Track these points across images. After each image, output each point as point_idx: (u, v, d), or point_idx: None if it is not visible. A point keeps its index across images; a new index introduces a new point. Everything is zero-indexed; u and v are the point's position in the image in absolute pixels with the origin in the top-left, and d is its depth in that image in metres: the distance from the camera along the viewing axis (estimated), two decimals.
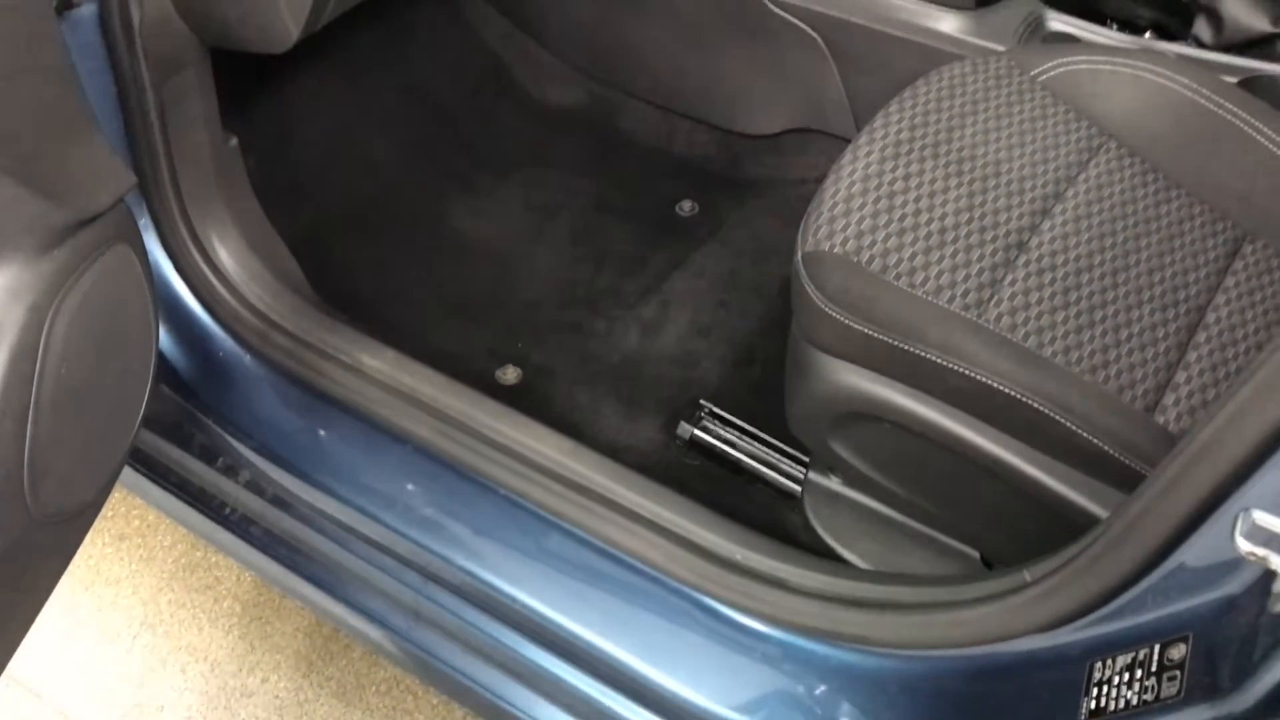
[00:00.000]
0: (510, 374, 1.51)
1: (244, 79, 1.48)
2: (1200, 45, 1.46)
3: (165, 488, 1.29)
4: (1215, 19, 1.43)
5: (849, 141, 1.18)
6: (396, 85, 1.79)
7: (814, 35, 1.55)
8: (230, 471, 1.26)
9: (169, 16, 1.13)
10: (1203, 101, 1.22)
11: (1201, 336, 1.06)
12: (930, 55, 1.47)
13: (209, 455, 1.27)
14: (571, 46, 1.83)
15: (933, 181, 1.11)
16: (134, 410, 0.99)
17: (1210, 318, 1.08)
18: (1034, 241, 1.08)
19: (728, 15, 1.60)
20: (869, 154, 1.13)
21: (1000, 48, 1.44)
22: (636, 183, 1.78)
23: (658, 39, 1.71)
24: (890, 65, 1.51)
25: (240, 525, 1.26)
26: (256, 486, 1.24)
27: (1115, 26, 1.57)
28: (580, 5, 1.76)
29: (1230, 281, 1.12)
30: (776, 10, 1.55)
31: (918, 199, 1.09)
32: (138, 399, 0.99)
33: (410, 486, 1.18)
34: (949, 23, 1.47)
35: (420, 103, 1.81)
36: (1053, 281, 1.05)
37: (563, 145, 1.83)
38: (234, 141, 1.30)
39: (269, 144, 1.53)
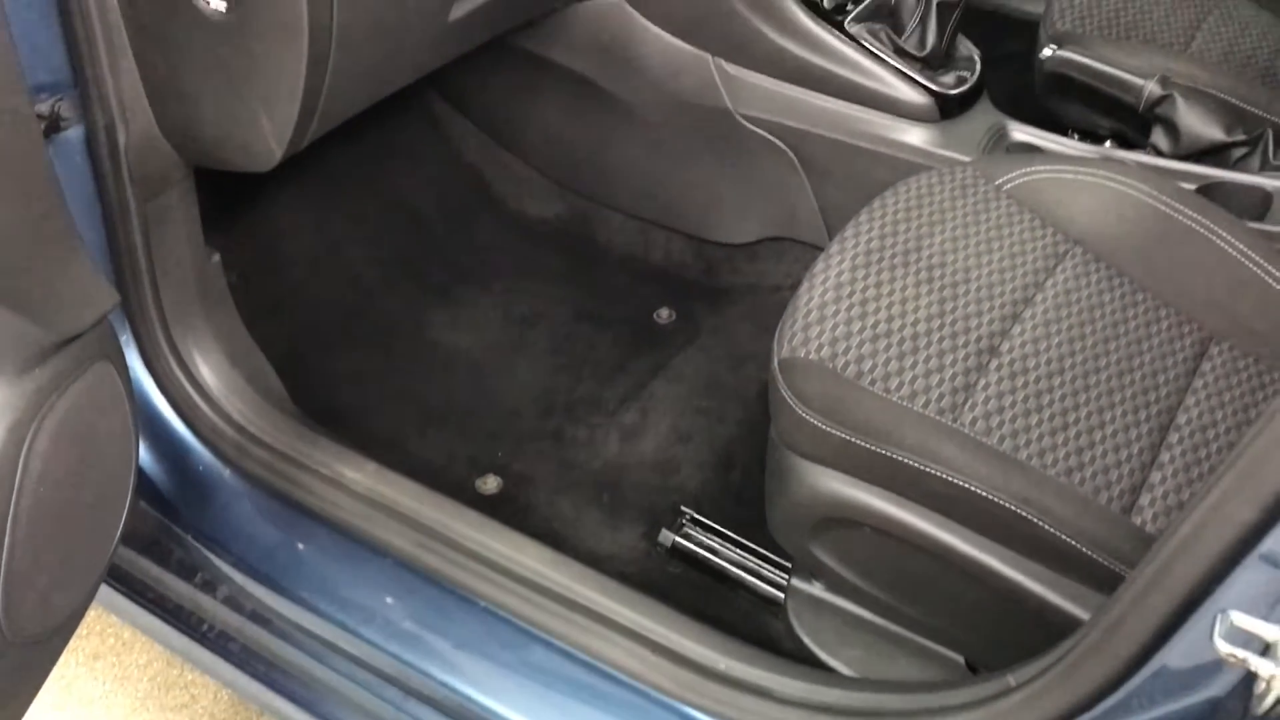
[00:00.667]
0: (491, 483, 1.51)
1: (227, 195, 1.51)
2: (1159, 154, 1.52)
3: (142, 604, 1.28)
4: (1172, 129, 1.49)
5: (822, 250, 1.21)
6: (378, 200, 1.82)
7: (784, 148, 1.59)
8: (208, 587, 1.25)
9: (154, 137, 1.15)
10: (1163, 208, 1.26)
11: (1174, 437, 1.07)
12: (898, 166, 1.51)
13: (187, 571, 1.26)
14: (550, 161, 1.87)
15: (904, 289, 1.13)
16: (112, 528, 0.98)
17: (1181, 418, 1.10)
18: (1005, 346, 1.10)
19: (700, 129, 1.65)
20: (841, 262, 1.16)
21: (965, 158, 1.48)
22: (615, 292, 1.80)
23: (633, 152, 1.75)
24: (859, 176, 1.55)
25: (218, 642, 1.24)
26: (235, 602, 1.23)
27: (1076, 136, 1.62)
28: (558, 121, 1.81)
29: (1199, 383, 1.14)
30: (747, 125, 1.60)
31: (890, 306, 1.11)
32: (116, 517, 0.98)
33: (390, 600, 1.17)
34: (915, 135, 1.51)
35: (401, 216, 1.85)
36: (1025, 385, 1.07)
37: (542, 256, 1.86)
38: (216, 257, 1.31)
39: (251, 259, 1.55)
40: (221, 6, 1.00)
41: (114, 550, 0.99)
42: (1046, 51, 1.57)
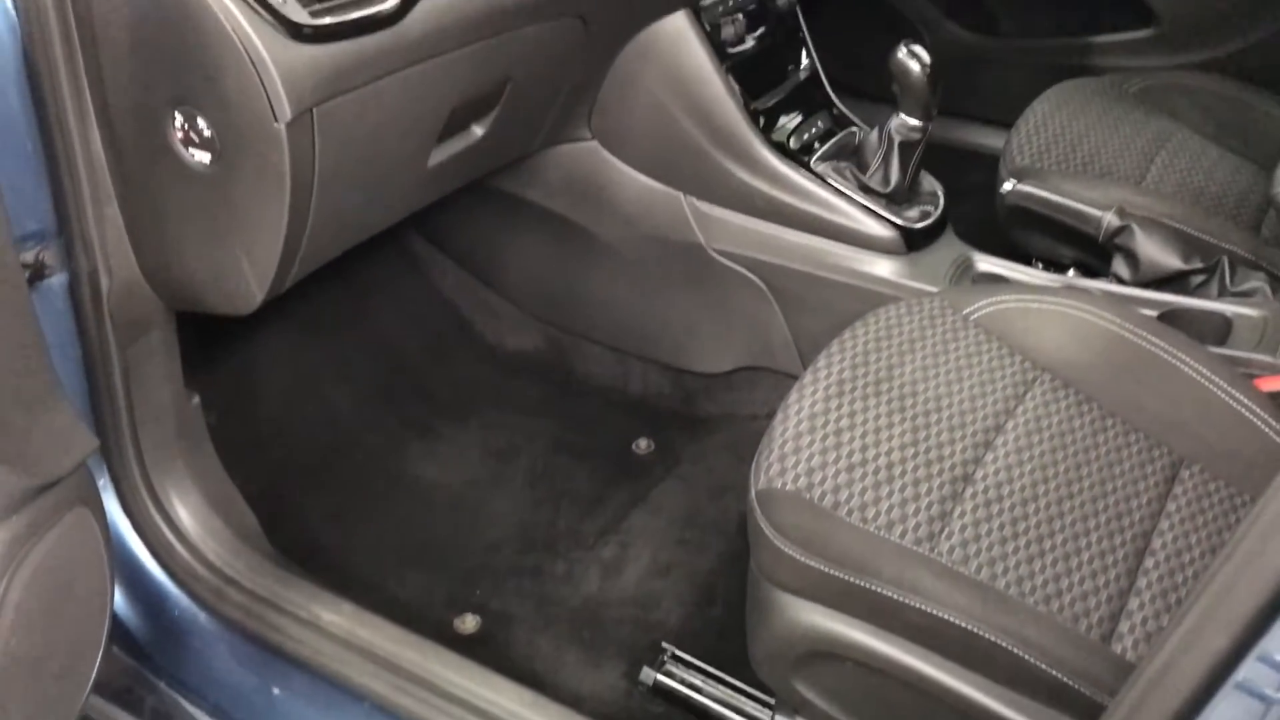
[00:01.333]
0: (469, 622, 1.49)
1: (206, 335, 1.53)
2: (1121, 282, 1.56)
3: None
4: (1132, 258, 1.53)
5: (796, 379, 1.23)
6: (356, 337, 1.85)
7: (757, 281, 1.63)
8: None
9: (136, 282, 1.17)
10: (1127, 334, 1.28)
11: (1150, 563, 1.08)
12: (867, 297, 1.55)
13: None
14: (528, 295, 1.91)
15: (877, 418, 1.15)
16: (84, 678, 0.96)
17: (1156, 543, 1.11)
18: (979, 474, 1.11)
19: (675, 262, 1.69)
20: (814, 392, 1.17)
21: (933, 289, 1.52)
22: (593, 423, 1.81)
23: (610, 286, 1.79)
24: (830, 307, 1.58)
25: None
26: None
27: (1041, 266, 1.67)
28: (536, 257, 1.85)
29: (1172, 506, 1.15)
30: (720, 259, 1.64)
31: (864, 435, 1.12)
32: (88, 666, 0.97)
33: None
34: (883, 267, 1.55)
35: (380, 353, 1.87)
36: (1000, 513, 1.08)
37: (520, 389, 1.88)
38: (196, 399, 1.32)
39: (230, 399, 1.56)
40: (205, 158, 1.03)
41: (85, 701, 0.97)
42: (1007, 185, 1.63)
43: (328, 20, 0.98)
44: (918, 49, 1.46)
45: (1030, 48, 2.27)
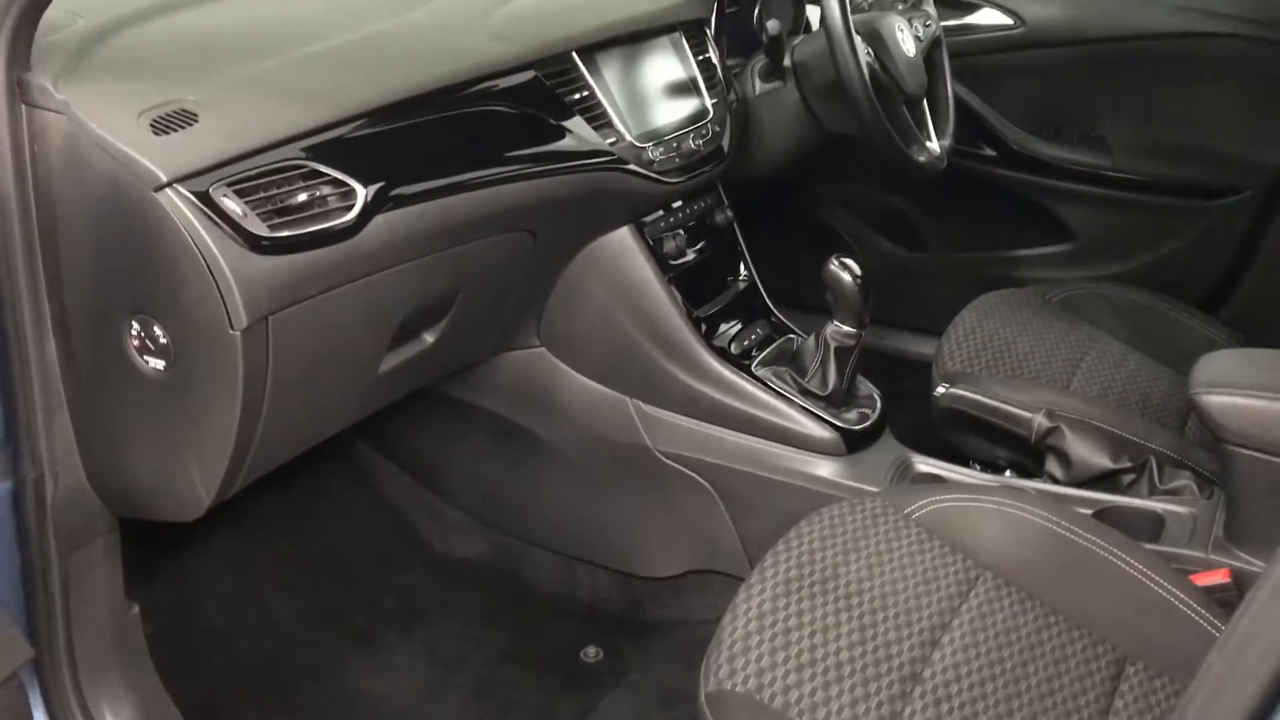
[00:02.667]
0: None
1: (149, 543, 1.51)
2: (1055, 481, 1.60)
3: None
4: (1064, 458, 1.58)
5: (744, 580, 1.24)
6: (301, 544, 1.83)
7: (703, 482, 1.66)
8: None
9: (82, 490, 1.17)
10: (1064, 532, 1.31)
11: None
12: (811, 497, 1.57)
13: None
14: (475, 501, 1.91)
15: (824, 617, 1.15)
16: None
17: None
18: (927, 673, 1.11)
19: (622, 465, 1.71)
20: (762, 592, 1.18)
21: (874, 489, 1.55)
22: (540, 631, 1.79)
23: (558, 490, 1.80)
24: (776, 507, 1.61)
25: None
26: None
27: (978, 467, 1.71)
28: (483, 463, 1.87)
29: (1119, 704, 1.15)
30: (666, 461, 1.67)
31: (812, 634, 1.13)
32: None
33: None
34: (825, 468, 1.59)
35: (324, 561, 1.85)
36: (950, 712, 1.07)
37: (467, 597, 1.85)
38: (135, 609, 1.30)
39: (170, 608, 1.54)
40: (160, 365, 1.06)
41: None
42: (940, 389, 1.68)
43: (286, 233, 1.03)
44: (848, 261, 1.54)
45: (956, 260, 2.39)
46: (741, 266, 1.80)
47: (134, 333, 1.05)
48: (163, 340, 1.04)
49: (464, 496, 1.91)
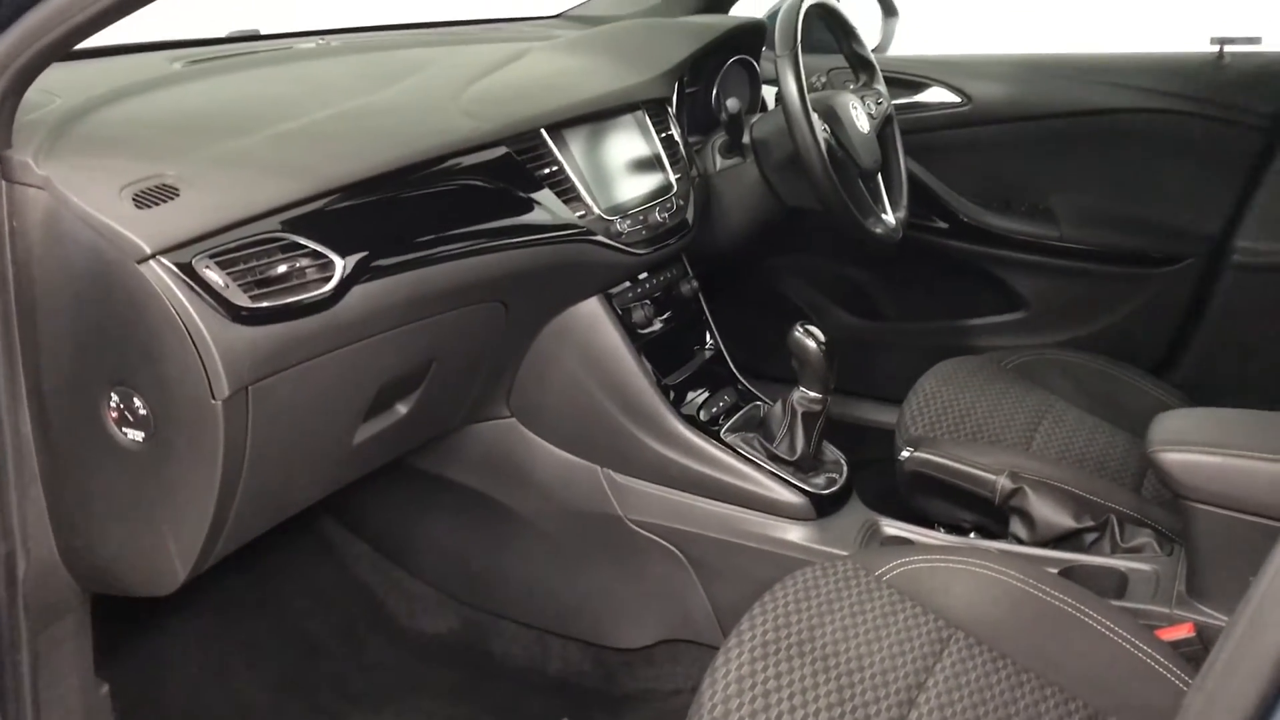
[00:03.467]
0: None
1: (116, 619, 1.48)
2: (1019, 542, 1.63)
3: None
4: (1027, 519, 1.61)
5: (717, 648, 1.24)
6: (269, 622, 1.81)
7: (674, 550, 1.66)
8: None
9: (54, 565, 1.16)
10: (1032, 591, 1.34)
11: None
12: (782, 562, 1.59)
13: None
14: (444, 575, 1.90)
15: (802, 679, 1.16)
16: None
17: None
18: None
19: (593, 535, 1.71)
20: (739, 656, 1.19)
21: (844, 552, 1.57)
22: (512, 706, 1.77)
23: (528, 562, 1.80)
24: (747, 573, 1.62)
25: None
26: None
27: (943, 530, 1.74)
28: (452, 536, 1.86)
29: None
30: (637, 529, 1.67)
31: (790, 696, 1.13)
32: None
33: None
34: (795, 533, 1.60)
35: (291, 639, 1.82)
36: None
37: (436, 673, 1.83)
38: (105, 689, 1.27)
39: (139, 687, 1.51)
40: (139, 436, 1.06)
41: None
42: (905, 453, 1.72)
43: (266, 304, 1.04)
44: (813, 329, 1.58)
45: (911, 330, 2.44)
46: (707, 335, 1.83)
47: (113, 404, 1.05)
48: (142, 411, 1.04)
49: (432, 571, 1.90)
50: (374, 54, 1.69)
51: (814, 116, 1.71)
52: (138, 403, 1.04)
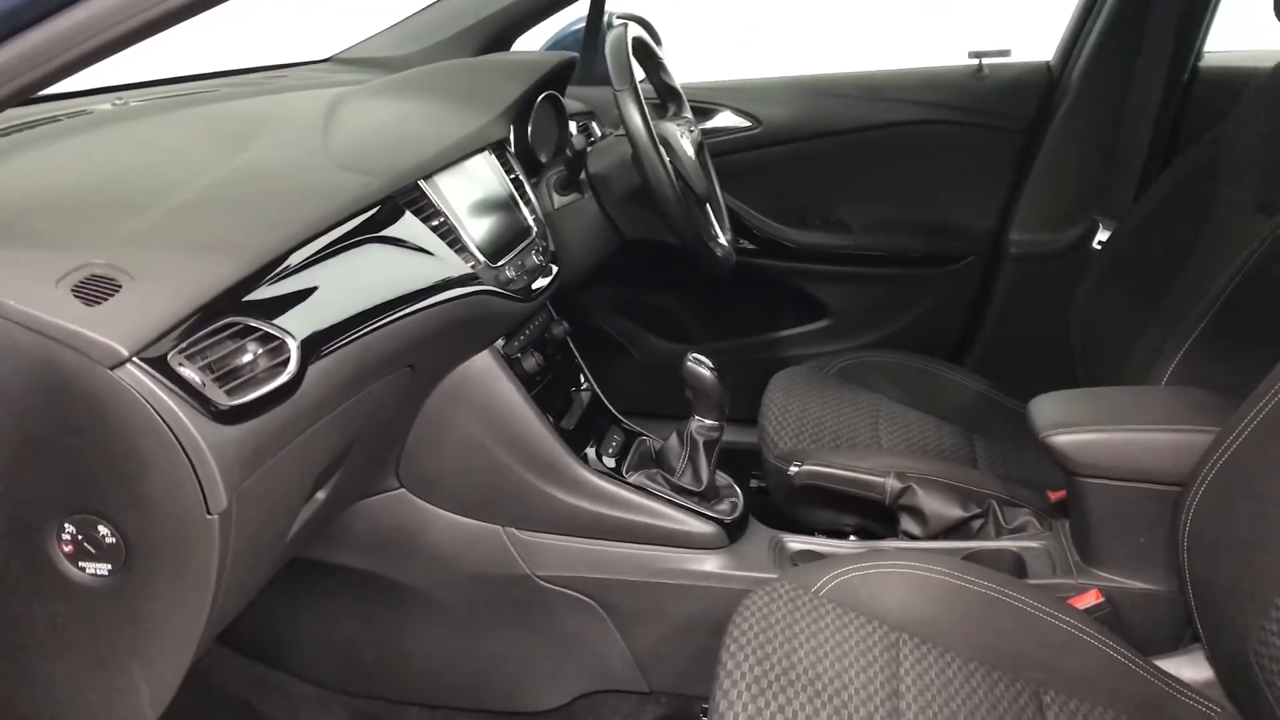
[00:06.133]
0: None
1: None
2: (912, 538, 1.70)
3: None
4: (919, 515, 1.68)
5: (642, 694, 1.20)
6: None
7: (588, 600, 1.61)
8: None
9: None
10: (955, 582, 1.40)
11: None
12: (703, 595, 1.58)
13: None
14: (329, 668, 1.74)
15: (803, 708, 1.16)
16: None
17: None
18: None
19: (499, 599, 1.63)
20: (739, 695, 1.17)
21: (762, 574, 1.58)
22: None
23: (428, 639, 1.68)
24: (665, 611, 1.60)
25: None
26: None
27: (823, 536, 1.78)
28: (341, 625, 1.71)
29: None
30: (547, 585, 1.61)
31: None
32: None
33: None
34: (712, 562, 1.59)
35: None
36: None
37: None
38: None
39: None
40: (104, 569, 0.90)
41: None
42: (793, 468, 1.75)
43: (243, 398, 0.92)
44: (701, 358, 1.58)
45: (724, 348, 2.50)
46: (581, 377, 1.79)
47: (66, 537, 0.89)
48: (110, 540, 0.88)
49: (315, 667, 1.74)
50: (188, 111, 1.53)
51: (661, 148, 1.71)
52: (103, 531, 0.88)
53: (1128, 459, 1.45)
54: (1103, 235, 2.20)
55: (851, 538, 1.78)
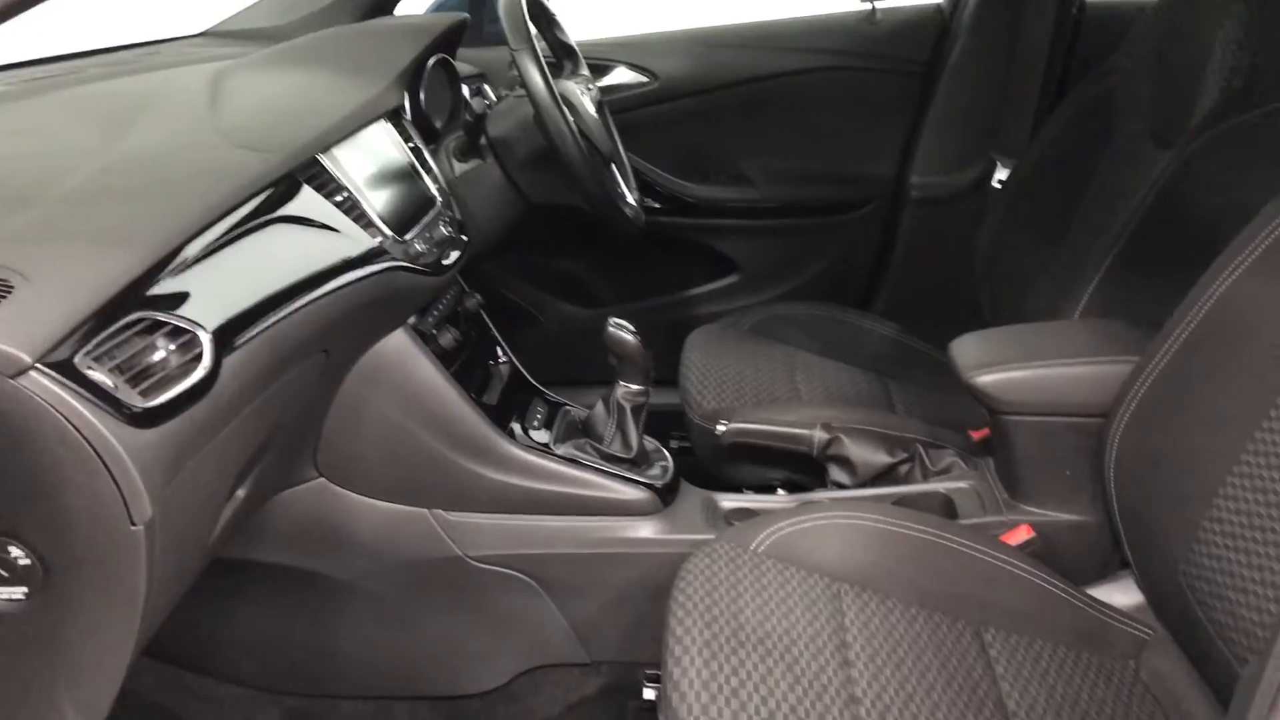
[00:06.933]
0: None
1: None
2: (841, 487, 1.70)
3: None
4: (847, 464, 1.69)
5: (583, 665, 1.18)
6: None
7: (523, 577, 1.58)
8: None
9: None
10: (890, 528, 1.40)
11: None
12: (640, 562, 1.56)
13: None
14: (256, 669, 1.68)
15: (756, 668, 1.16)
16: None
17: (1011, 705, 1.20)
18: (859, 692, 1.15)
19: (431, 583, 1.59)
20: (692, 661, 1.16)
21: (698, 536, 1.56)
22: None
23: (359, 629, 1.63)
24: (604, 581, 1.57)
25: None
26: None
27: (749, 493, 1.78)
28: (263, 622, 1.64)
29: (999, 670, 1.25)
30: (480, 565, 1.57)
31: (756, 688, 1.13)
32: None
33: None
34: (647, 528, 1.57)
35: None
36: None
37: None
38: None
39: None
40: (18, 593, 0.83)
41: None
42: (721, 427, 1.74)
43: (159, 399, 0.85)
44: (624, 322, 1.55)
45: (635, 310, 2.47)
46: (499, 350, 1.75)
47: None
48: (24, 563, 0.81)
49: (243, 668, 1.67)
50: (59, 94, 1.43)
51: (564, 108, 1.67)
52: (15, 553, 0.81)
53: (1051, 394, 1.46)
54: (1001, 174, 2.23)
55: (780, 491, 1.78)
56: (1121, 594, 1.41)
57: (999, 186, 2.21)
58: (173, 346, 0.91)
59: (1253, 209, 1.21)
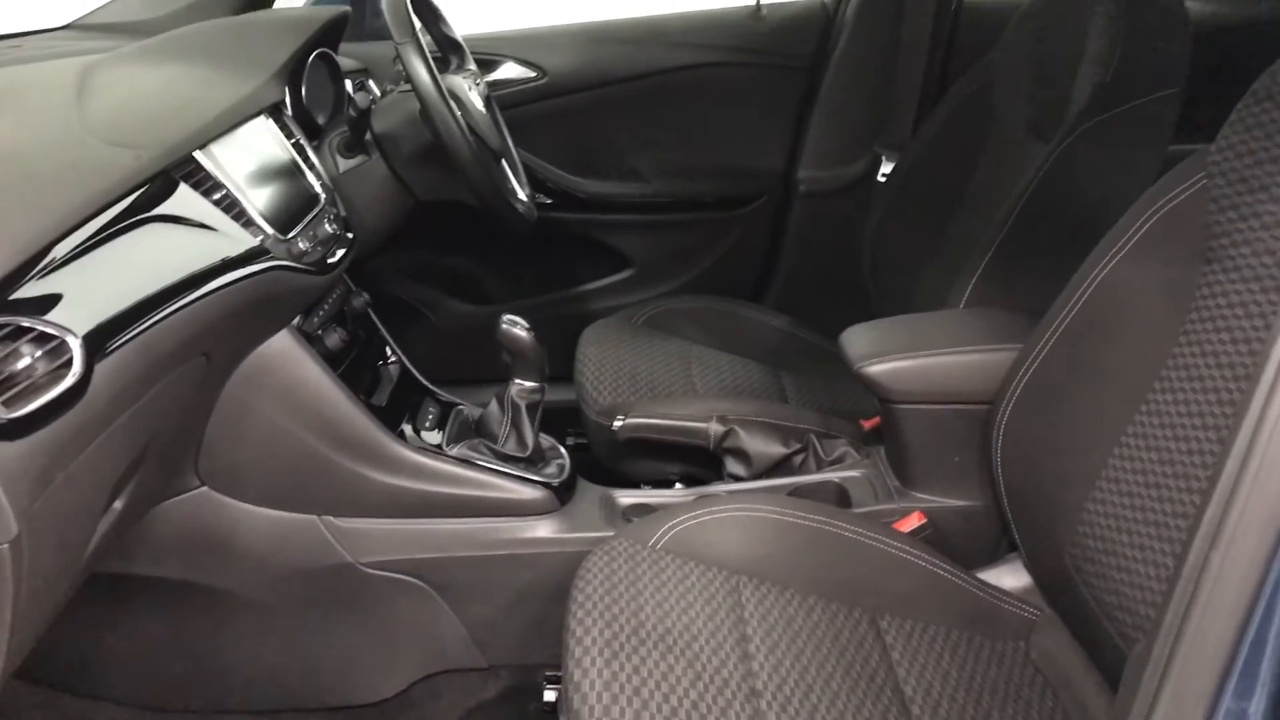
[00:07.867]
0: None
1: None
2: (737, 479, 1.71)
3: None
4: (743, 456, 1.69)
5: (481, 670, 1.17)
6: None
7: (417, 582, 1.55)
8: None
9: None
10: (787, 520, 1.41)
11: (914, 709, 1.18)
12: (536, 562, 1.54)
13: None
14: (138, 688, 1.61)
15: (657, 666, 1.15)
16: None
17: (908, 691, 1.22)
18: (759, 685, 1.15)
19: (321, 591, 1.54)
20: (593, 661, 1.15)
21: (596, 533, 1.55)
22: None
23: (246, 642, 1.57)
24: (501, 583, 1.55)
25: None
26: None
27: (646, 488, 1.77)
28: (144, 638, 1.57)
29: (895, 657, 1.27)
30: (371, 571, 1.53)
31: (658, 686, 1.12)
32: None
33: None
34: (544, 527, 1.55)
35: None
36: (798, 713, 1.12)
37: None
38: None
39: None
40: None
41: None
42: (618, 422, 1.73)
43: (25, 410, 0.81)
44: (517, 319, 1.53)
45: (527, 307, 2.45)
46: (388, 350, 1.71)
47: None
48: None
49: (126, 688, 1.60)
50: None
51: (451, 103, 1.64)
52: None
53: (938, 382, 1.49)
54: (886, 168, 2.26)
55: (677, 485, 1.78)
56: (1011, 576, 1.45)
57: (884, 180, 2.25)
58: (40, 353, 0.86)
59: (1129, 198, 1.24)
